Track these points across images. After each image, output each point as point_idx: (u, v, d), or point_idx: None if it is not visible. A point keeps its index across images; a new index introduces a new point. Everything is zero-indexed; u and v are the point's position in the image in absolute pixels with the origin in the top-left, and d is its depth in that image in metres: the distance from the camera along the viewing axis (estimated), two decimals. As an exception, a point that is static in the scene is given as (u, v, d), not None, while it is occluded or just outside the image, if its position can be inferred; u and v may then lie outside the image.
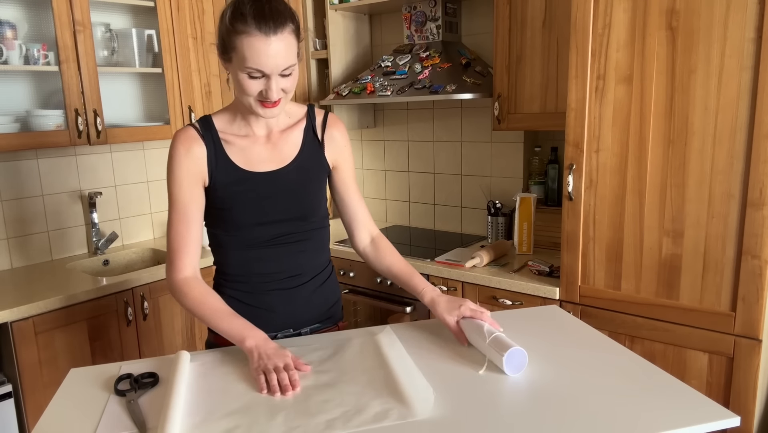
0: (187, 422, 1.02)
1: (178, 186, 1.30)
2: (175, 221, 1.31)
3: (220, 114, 1.37)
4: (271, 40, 1.16)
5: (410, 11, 2.71)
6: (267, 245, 1.36)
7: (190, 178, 1.30)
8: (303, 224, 1.38)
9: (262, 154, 1.35)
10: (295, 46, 1.22)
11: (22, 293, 2.09)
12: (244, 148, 1.34)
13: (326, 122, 1.42)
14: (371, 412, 1.03)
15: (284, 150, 1.37)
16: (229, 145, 1.33)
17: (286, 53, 1.19)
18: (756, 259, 1.66)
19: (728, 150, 1.67)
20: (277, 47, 1.17)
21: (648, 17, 1.75)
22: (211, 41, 2.70)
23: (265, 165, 1.34)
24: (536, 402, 1.05)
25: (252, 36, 1.16)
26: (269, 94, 1.21)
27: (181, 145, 1.30)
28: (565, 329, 1.38)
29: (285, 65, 1.20)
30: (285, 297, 1.39)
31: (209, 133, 1.33)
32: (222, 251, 1.40)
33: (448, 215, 2.99)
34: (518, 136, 2.65)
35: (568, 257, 2.02)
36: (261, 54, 1.17)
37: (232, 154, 1.33)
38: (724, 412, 1.00)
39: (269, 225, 1.35)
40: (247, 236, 1.35)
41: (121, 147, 2.74)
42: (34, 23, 2.33)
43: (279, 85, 1.22)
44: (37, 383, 2.01)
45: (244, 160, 1.33)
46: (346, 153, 1.46)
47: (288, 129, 1.39)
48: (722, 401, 1.79)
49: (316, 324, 1.45)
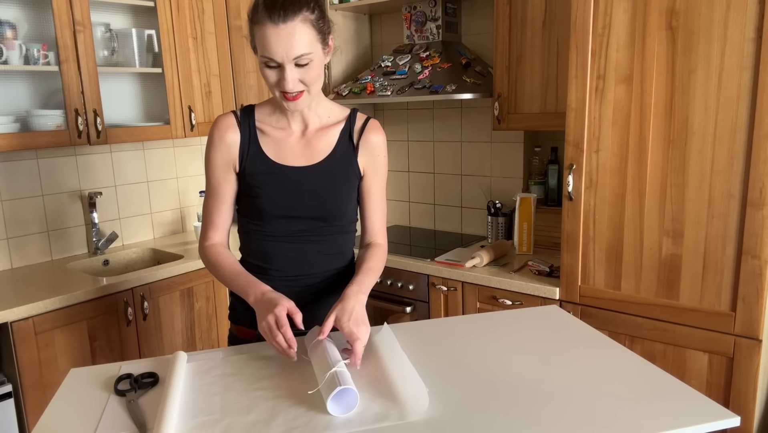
0: (187, 423, 1.02)
1: (211, 169, 1.38)
2: (207, 198, 1.41)
3: (263, 105, 1.40)
4: (280, 28, 1.18)
5: (410, 11, 2.71)
6: (286, 239, 1.38)
7: (222, 162, 1.36)
8: (324, 224, 1.38)
9: (294, 149, 1.37)
10: (311, 35, 1.22)
11: (22, 293, 2.09)
12: (277, 141, 1.37)
13: (365, 128, 1.41)
14: (371, 412, 1.03)
15: (317, 148, 1.37)
16: (264, 136, 1.37)
17: (297, 41, 1.20)
18: (756, 259, 1.66)
19: (728, 150, 1.67)
20: (286, 35, 1.19)
21: (648, 17, 1.75)
22: (211, 41, 2.70)
23: (295, 160, 1.36)
24: (535, 402, 1.05)
25: (263, 25, 1.19)
26: (284, 84, 1.23)
27: (216, 131, 1.36)
28: (565, 329, 1.38)
29: (296, 54, 1.20)
30: (298, 295, 1.38)
31: (247, 121, 1.37)
32: (246, 240, 1.44)
33: (448, 215, 2.99)
34: (518, 136, 2.65)
35: (568, 257, 2.02)
36: (271, 42, 1.19)
37: (264, 144, 1.36)
38: (724, 412, 1.00)
39: (290, 219, 1.36)
40: (268, 227, 1.37)
41: (121, 147, 2.74)
42: (34, 23, 2.33)
43: (295, 75, 1.23)
44: (37, 383, 2.01)
45: (275, 152, 1.36)
46: (379, 162, 1.43)
47: (325, 128, 1.39)
48: (722, 401, 1.79)
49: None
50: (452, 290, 2.31)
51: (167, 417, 1.00)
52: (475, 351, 1.27)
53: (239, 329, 1.46)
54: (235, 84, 2.78)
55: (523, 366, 1.19)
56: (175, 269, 2.38)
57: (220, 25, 2.71)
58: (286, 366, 1.22)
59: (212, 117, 2.74)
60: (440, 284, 2.34)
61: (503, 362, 1.21)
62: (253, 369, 1.22)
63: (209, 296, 2.54)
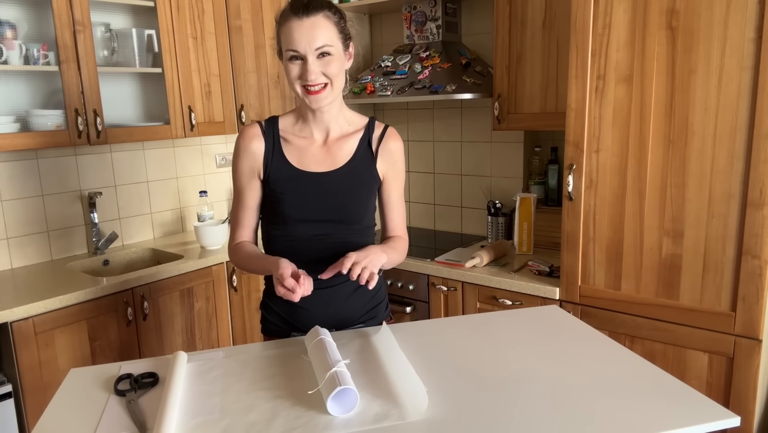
0: (187, 423, 1.02)
1: (237, 176, 1.46)
2: (234, 203, 1.50)
3: (287, 115, 1.48)
4: (303, 20, 1.28)
5: (410, 11, 2.71)
6: (307, 244, 1.42)
7: (246, 170, 1.44)
8: (344, 228, 1.43)
9: (316, 156, 1.43)
10: (332, 31, 1.31)
11: (22, 293, 2.09)
12: (300, 149, 1.43)
13: (384, 136, 1.48)
14: (371, 412, 1.03)
15: (337, 155, 1.43)
16: (287, 144, 1.43)
17: (319, 33, 1.28)
18: (756, 259, 1.66)
19: (728, 150, 1.67)
20: (308, 26, 1.28)
21: (648, 17, 1.75)
22: (211, 41, 2.70)
23: (317, 166, 1.42)
24: (535, 402, 1.05)
25: (288, 20, 1.29)
26: (308, 76, 1.30)
27: (242, 141, 1.43)
28: (565, 329, 1.38)
29: (318, 44, 1.28)
30: (321, 298, 1.42)
31: (271, 131, 1.44)
32: (268, 245, 1.49)
33: (448, 215, 2.99)
34: (518, 136, 2.65)
35: (568, 257, 2.02)
36: (294, 33, 1.28)
37: (288, 152, 1.42)
38: (724, 412, 1.00)
39: (311, 223, 1.41)
40: (290, 231, 1.42)
41: (121, 147, 2.74)
42: (34, 23, 2.33)
43: (316, 66, 1.30)
44: (37, 383, 2.01)
45: (298, 159, 1.42)
46: (397, 168, 1.50)
47: (345, 137, 1.45)
48: (722, 401, 1.79)
49: (359, 324, 1.48)
50: (452, 290, 2.31)
51: (167, 417, 1.00)
52: (475, 351, 1.27)
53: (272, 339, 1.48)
54: (235, 84, 2.78)
55: (523, 366, 1.19)
56: (175, 269, 2.37)
57: (220, 25, 2.71)
58: (286, 366, 1.23)
59: (212, 117, 2.74)
60: (440, 284, 2.34)
61: (503, 362, 1.21)
62: (253, 369, 1.22)
63: (209, 296, 2.54)
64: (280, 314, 1.47)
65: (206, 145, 3.08)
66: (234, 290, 2.60)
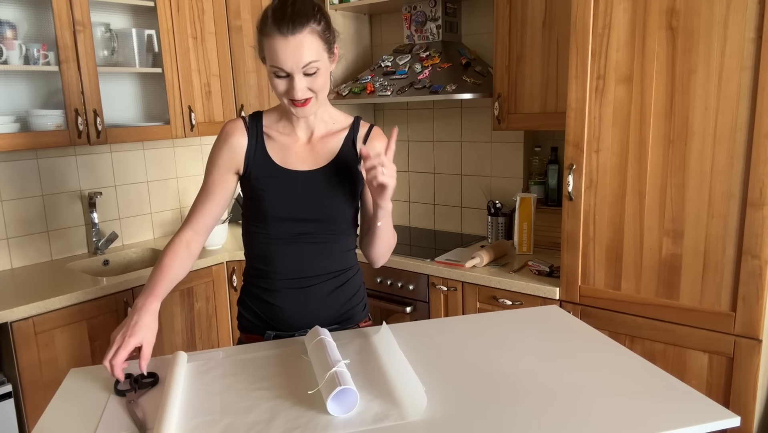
0: (187, 423, 1.02)
1: (212, 168, 1.42)
2: (199, 194, 1.45)
3: (271, 112, 1.45)
4: (289, 40, 1.23)
5: (410, 11, 2.71)
6: (288, 242, 1.40)
7: (223, 164, 1.40)
8: (325, 227, 1.41)
9: (299, 155, 1.41)
10: (318, 45, 1.26)
11: (22, 293, 2.09)
12: (283, 146, 1.41)
13: (368, 135, 1.46)
14: (370, 412, 1.03)
15: (321, 153, 1.42)
16: (270, 141, 1.41)
17: (305, 52, 1.24)
18: (756, 259, 1.66)
19: (728, 150, 1.67)
20: (295, 46, 1.23)
21: (648, 17, 1.75)
22: (211, 41, 2.70)
23: (299, 165, 1.40)
24: (535, 402, 1.05)
25: (273, 37, 1.24)
26: (294, 93, 1.27)
27: (224, 135, 1.41)
28: (565, 329, 1.38)
29: (305, 63, 1.25)
30: (299, 297, 1.41)
31: (255, 126, 1.41)
32: (248, 243, 1.47)
33: (448, 215, 2.99)
34: (518, 136, 2.65)
35: (568, 257, 2.02)
36: (280, 53, 1.24)
37: (271, 149, 1.40)
38: (724, 412, 1.00)
39: (292, 222, 1.39)
40: (270, 229, 1.40)
41: (121, 147, 2.74)
42: (34, 23, 2.33)
43: (303, 84, 1.27)
44: (37, 383, 2.01)
45: (281, 157, 1.40)
46: None
47: (329, 135, 1.43)
48: (722, 401, 1.79)
49: (335, 325, 1.46)
50: (452, 290, 2.31)
51: (167, 417, 1.00)
52: (475, 351, 1.27)
53: (248, 337, 1.48)
54: (235, 84, 2.79)
55: (523, 366, 1.19)
56: (175, 269, 2.37)
57: (220, 25, 2.71)
58: (286, 366, 1.23)
59: (212, 117, 2.74)
60: (440, 284, 2.34)
61: (503, 362, 1.21)
62: (253, 369, 1.22)
63: (209, 296, 2.54)
64: (256, 311, 1.45)
65: (206, 146, 3.09)
66: (234, 290, 2.60)
